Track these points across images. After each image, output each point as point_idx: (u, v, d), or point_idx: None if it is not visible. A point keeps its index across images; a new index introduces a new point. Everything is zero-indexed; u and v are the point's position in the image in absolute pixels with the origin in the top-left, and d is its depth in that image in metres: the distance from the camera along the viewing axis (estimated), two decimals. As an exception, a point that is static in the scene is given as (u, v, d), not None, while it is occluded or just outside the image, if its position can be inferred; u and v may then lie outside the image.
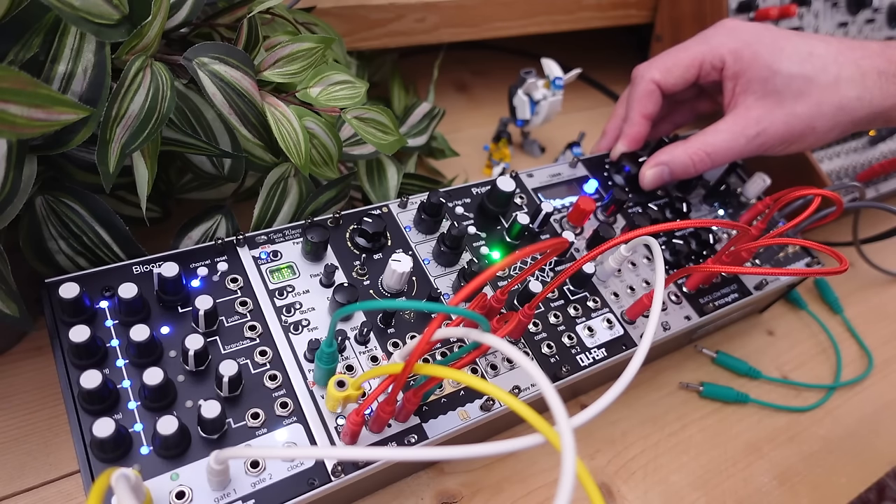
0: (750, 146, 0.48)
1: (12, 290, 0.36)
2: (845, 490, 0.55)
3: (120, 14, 0.34)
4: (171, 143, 0.41)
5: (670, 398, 0.57)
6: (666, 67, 0.51)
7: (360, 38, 0.64)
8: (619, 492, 0.49)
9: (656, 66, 0.51)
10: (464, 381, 0.28)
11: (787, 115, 0.46)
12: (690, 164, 0.50)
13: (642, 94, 0.52)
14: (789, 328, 0.67)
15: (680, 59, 0.50)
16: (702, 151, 0.49)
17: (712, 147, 0.48)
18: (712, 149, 0.49)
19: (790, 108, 0.46)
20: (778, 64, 0.46)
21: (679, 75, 0.51)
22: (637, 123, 0.54)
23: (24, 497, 0.39)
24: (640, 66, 0.52)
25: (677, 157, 0.50)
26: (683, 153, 0.49)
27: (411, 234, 0.48)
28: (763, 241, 0.47)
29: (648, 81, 0.51)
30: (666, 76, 0.51)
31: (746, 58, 0.47)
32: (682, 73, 0.50)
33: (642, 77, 0.52)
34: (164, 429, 0.32)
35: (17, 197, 0.34)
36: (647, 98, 0.52)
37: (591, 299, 0.49)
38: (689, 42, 0.51)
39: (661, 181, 0.53)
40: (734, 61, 0.48)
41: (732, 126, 0.48)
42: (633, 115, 0.54)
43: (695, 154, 0.49)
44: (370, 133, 0.46)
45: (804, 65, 0.46)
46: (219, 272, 0.41)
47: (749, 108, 0.47)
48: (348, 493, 0.40)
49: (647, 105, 0.53)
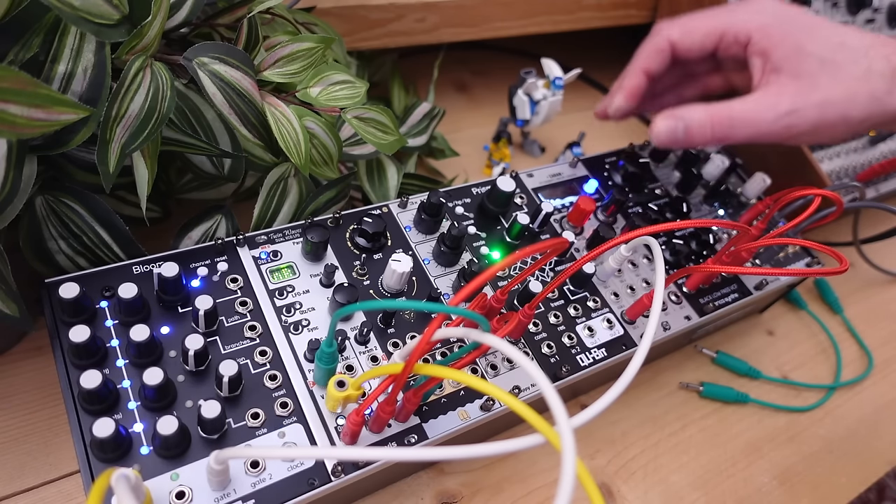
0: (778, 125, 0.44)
1: (12, 290, 0.36)
2: (845, 490, 0.55)
3: (120, 14, 0.34)
4: (171, 143, 0.41)
5: (670, 398, 0.57)
6: (687, 29, 0.48)
7: (360, 38, 0.63)
8: (619, 492, 0.49)
9: (678, 24, 0.49)
10: (464, 381, 0.28)
11: (822, 99, 0.43)
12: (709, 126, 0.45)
13: (652, 48, 0.50)
14: (789, 328, 0.67)
15: (702, 24, 0.48)
16: (725, 115, 0.45)
17: (739, 113, 0.45)
18: (738, 115, 0.44)
19: (825, 92, 0.43)
20: (810, 46, 0.44)
21: (698, 40, 0.48)
22: (635, 75, 0.51)
23: (24, 497, 0.39)
24: (663, 21, 0.50)
25: (696, 115, 0.45)
26: (704, 112, 0.45)
27: (411, 234, 0.48)
28: (763, 242, 0.47)
29: (664, 38, 0.49)
30: (684, 37, 0.48)
31: (776, 36, 0.45)
32: (701, 38, 0.48)
33: (659, 32, 0.49)
34: (164, 429, 0.32)
35: (17, 197, 0.34)
36: (656, 54, 0.50)
37: (591, 299, 0.49)
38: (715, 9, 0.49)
39: (673, 138, 0.47)
40: (763, 37, 0.45)
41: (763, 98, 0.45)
42: (634, 66, 0.51)
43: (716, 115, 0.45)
44: (370, 133, 0.46)
45: (836, 53, 0.43)
46: (219, 272, 0.41)
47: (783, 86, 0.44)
48: (348, 493, 0.40)
49: (653, 60, 0.50)
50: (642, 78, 0.51)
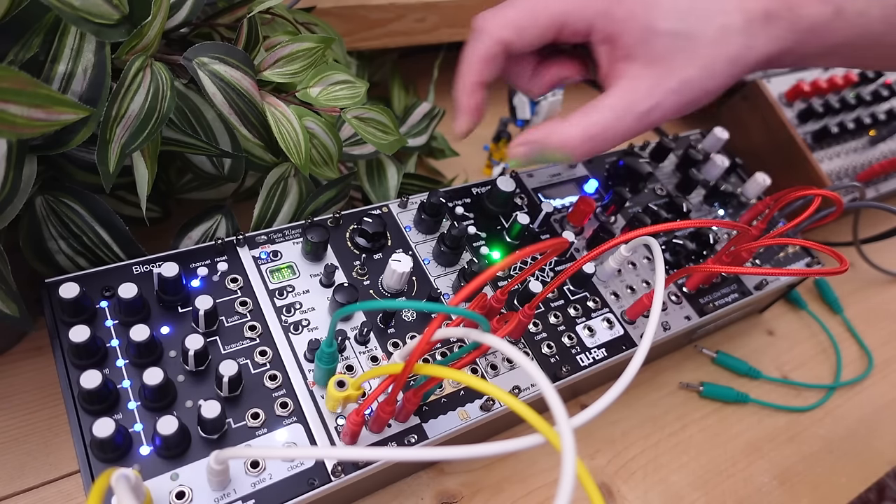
0: (642, 123, 0.40)
1: (12, 290, 0.36)
2: (845, 490, 0.55)
3: (120, 14, 0.34)
4: (171, 143, 0.41)
5: (670, 398, 0.57)
6: (520, 25, 0.40)
7: (360, 38, 0.63)
8: (619, 492, 0.49)
9: (509, 20, 0.40)
10: (464, 381, 0.28)
11: (679, 83, 0.39)
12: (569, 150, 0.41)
13: (483, 57, 0.41)
14: (789, 328, 0.67)
15: (537, 19, 0.40)
16: (582, 132, 0.40)
17: (597, 129, 0.39)
18: (597, 131, 0.39)
19: (681, 74, 0.39)
20: (657, 21, 0.38)
21: (533, 38, 0.40)
22: (471, 92, 0.43)
23: (24, 497, 0.39)
24: (485, 14, 0.41)
25: (553, 141, 0.40)
26: (560, 138, 0.40)
27: (411, 234, 0.48)
28: (763, 242, 0.47)
29: (495, 42, 0.40)
30: (518, 36, 0.40)
31: (619, 17, 0.39)
32: (537, 35, 0.40)
33: (487, 33, 0.40)
34: (164, 429, 0.32)
35: (17, 197, 0.34)
36: (488, 63, 0.41)
37: (591, 299, 0.49)
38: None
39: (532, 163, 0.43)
40: (605, 23, 0.39)
41: (619, 101, 0.39)
42: (465, 81, 0.42)
43: (572, 140, 0.40)
44: (370, 133, 0.46)
45: (687, 19, 0.38)
46: (219, 272, 0.41)
47: (636, 79, 0.39)
48: (348, 493, 0.40)
49: (486, 70, 0.42)
50: (479, 92, 0.43)
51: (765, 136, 0.75)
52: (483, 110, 0.44)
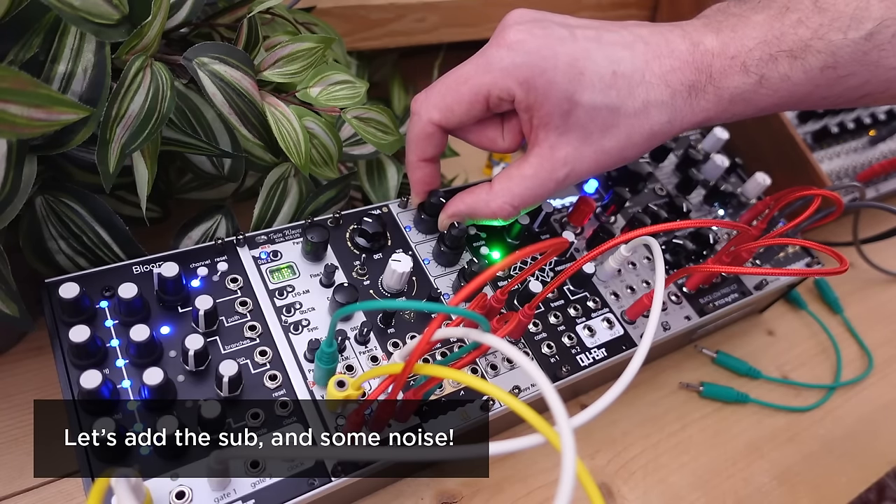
0: (560, 186, 0.42)
1: (12, 290, 0.36)
2: (845, 490, 0.55)
3: (120, 14, 0.34)
4: (171, 143, 0.41)
5: (670, 398, 0.57)
6: (446, 105, 0.42)
7: (360, 38, 0.64)
8: (619, 492, 0.49)
9: (434, 102, 0.42)
10: (464, 381, 0.28)
11: (595, 152, 0.40)
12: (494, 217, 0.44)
13: (420, 136, 0.44)
14: (789, 328, 0.67)
15: (461, 95, 0.41)
16: (507, 204, 0.43)
17: (519, 198, 0.42)
18: (519, 199, 0.42)
19: (598, 144, 0.40)
20: (579, 94, 0.39)
21: (463, 113, 0.42)
22: (417, 168, 0.46)
23: (24, 497, 0.39)
24: (419, 97, 0.43)
25: (479, 210, 0.44)
26: (486, 206, 0.43)
27: (411, 234, 0.48)
28: (763, 242, 0.47)
29: (427, 123, 0.43)
30: (447, 116, 0.42)
31: (540, 87, 0.39)
32: (465, 110, 0.41)
33: (419, 115, 0.43)
34: (164, 428, 0.32)
35: (17, 197, 0.34)
36: (426, 140, 0.43)
37: (591, 299, 0.49)
38: (469, 68, 0.41)
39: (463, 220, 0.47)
40: (526, 92, 0.39)
41: (539, 170, 0.41)
42: (410, 159, 0.46)
43: (498, 208, 0.43)
44: (370, 133, 0.46)
45: (609, 92, 0.39)
46: (219, 272, 0.41)
47: (553, 148, 0.41)
48: (348, 493, 0.40)
49: (427, 148, 0.44)
50: (425, 168, 0.46)
51: (765, 136, 0.75)
52: (434, 181, 0.47)
